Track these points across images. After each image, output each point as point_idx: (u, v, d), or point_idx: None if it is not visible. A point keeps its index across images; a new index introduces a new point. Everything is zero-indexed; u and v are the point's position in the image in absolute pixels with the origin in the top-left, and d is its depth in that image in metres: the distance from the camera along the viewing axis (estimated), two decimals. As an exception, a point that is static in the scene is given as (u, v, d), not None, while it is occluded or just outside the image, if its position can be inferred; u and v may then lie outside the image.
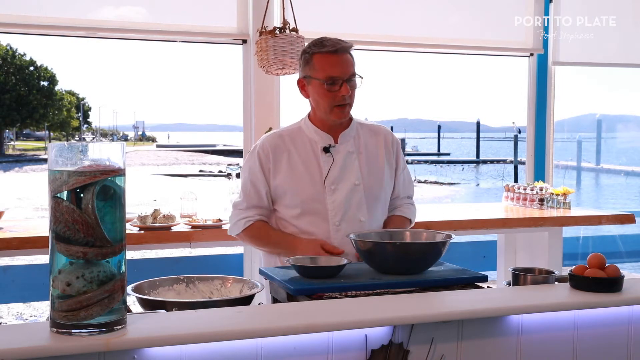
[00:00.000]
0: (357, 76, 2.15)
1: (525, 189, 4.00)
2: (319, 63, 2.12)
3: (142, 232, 2.98)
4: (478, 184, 26.00)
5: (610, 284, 1.60)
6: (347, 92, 2.12)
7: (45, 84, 39.46)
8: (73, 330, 1.23)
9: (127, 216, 2.51)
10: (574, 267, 1.67)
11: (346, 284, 1.67)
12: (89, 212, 1.22)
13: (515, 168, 26.49)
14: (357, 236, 1.90)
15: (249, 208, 2.24)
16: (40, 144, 45.23)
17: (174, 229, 3.04)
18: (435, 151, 49.00)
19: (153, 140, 61.91)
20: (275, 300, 1.79)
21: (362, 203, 2.20)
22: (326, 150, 2.20)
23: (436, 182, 25.44)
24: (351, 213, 2.18)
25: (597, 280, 1.59)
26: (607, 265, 1.64)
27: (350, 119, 2.26)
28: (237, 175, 3.43)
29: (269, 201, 2.24)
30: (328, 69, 2.11)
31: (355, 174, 2.21)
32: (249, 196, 2.24)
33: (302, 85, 2.22)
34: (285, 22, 3.23)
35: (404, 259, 1.79)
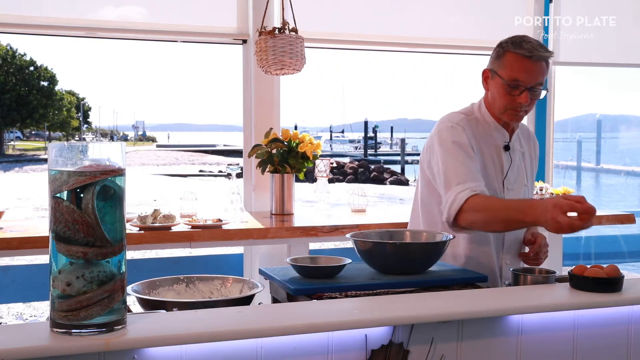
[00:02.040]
0: (542, 88, 2.09)
1: (525, 189, 4.00)
2: (508, 62, 2.07)
3: (142, 232, 2.97)
4: (478, 184, 25.94)
5: (610, 284, 1.60)
6: (525, 100, 2.07)
7: (45, 84, 39.48)
8: (73, 330, 1.23)
9: (127, 216, 2.51)
10: (574, 267, 1.67)
11: (346, 284, 1.67)
12: (89, 212, 1.22)
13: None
14: (357, 236, 1.90)
15: (469, 181, 1.97)
16: (40, 144, 45.24)
17: (174, 229, 3.04)
18: (435, 151, 48.75)
19: (153, 140, 61.91)
20: (275, 300, 1.79)
21: None
22: (506, 148, 2.18)
23: (436, 182, 25.35)
24: None
25: (597, 280, 1.60)
26: (606, 265, 1.64)
27: None
28: (237, 175, 3.43)
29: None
30: (515, 72, 2.05)
31: (525, 175, 2.24)
32: (469, 171, 2.00)
33: (486, 76, 2.17)
34: (284, 23, 3.23)
35: (404, 259, 1.79)
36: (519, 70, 2.05)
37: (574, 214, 1.74)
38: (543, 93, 2.11)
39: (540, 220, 1.79)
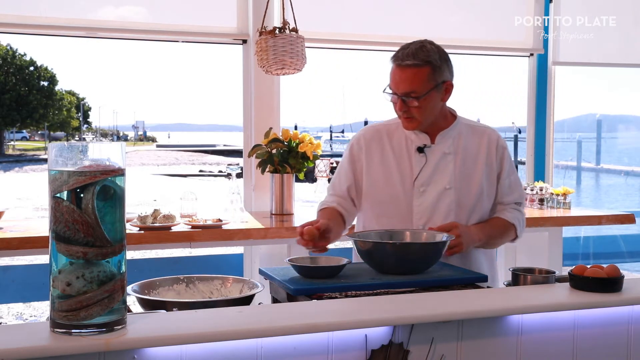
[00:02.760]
0: (417, 95, 2.02)
1: (525, 189, 4.00)
2: (390, 69, 2.08)
3: (142, 232, 2.97)
4: (478, 184, 25.94)
5: (610, 284, 1.60)
6: (399, 108, 2.07)
7: (45, 84, 39.46)
8: (73, 330, 1.23)
9: (127, 216, 2.51)
10: (574, 267, 1.67)
11: (346, 284, 1.67)
12: (89, 212, 1.22)
13: (516, 168, 26.43)
14: (357, 236, 1.90)
15: (332, 195, 2.23)
16: (41, 144, 45.25)
17: (174, 229, 3.04)
18: (435, 151, 48.80)
19: (153, 140, 61.92)
20: (275, 300, 1.79)
21: (451, 209, 2.08)
22: (420, 150, 2.12)
23: (436, 182, 25.34)
24: (437, 218, 2.07)
25: (597, 280, 1.59)
26: (606, 265, 1.64)
27: (455, 116, 2.18)
28: (238, 175, 3.43)
29: (353, 195, 2.19)
30: (390, 80, 2.07)
31: (447, 177, 2.10)
32: (333, 185, 2.24)
33: None
34: (285, 22, 3.23)
35: (404, 259, 1.79)
36: (392, 79, 2.06)
37: None
38: (423, 103, 2.03)
39: None
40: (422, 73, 2.02)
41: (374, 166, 2.15)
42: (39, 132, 44.16)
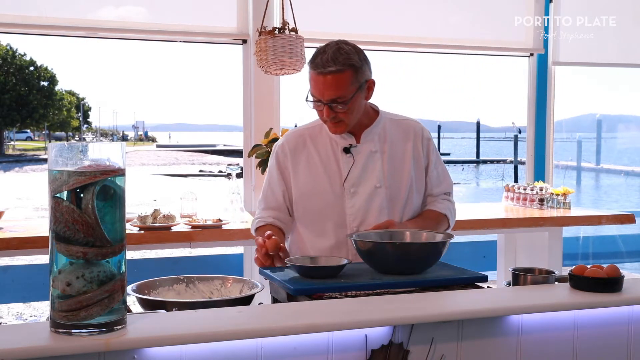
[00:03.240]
0: (344, 100, 1.98)
1: (525, 189, 4.01)
2: (309, 76, 2.03)
3: (142, 232, 2.98)
4: (478, 184, 26.00)
5: (610, 284, 1.60)
6: (327, 115, 2.00)
7: (45, 84, 39.46)
8: (73, 330, 1.23)
9: (127, 216, 2.51)
10: (574, 267, 1.67)
11: (346, 284, 1.67)
12: (89, 212, 1.22)
13: (515, 168, 26.49)
14: (357, 236, 1.90)
15: (265, 209, 2.17)
16: (41, 144, 45.27)
17: (174, 229, 3.04)
18: (435, 151, 48.83)
19: (153, 140, 61.92)
20: (275, 300, 1.79)
21: (384, 207, 2.07)
22: (346, 150, 2.09)
23: (436, 182, 25.33)
24: (371, 218, 2.06)
25: (597, 280, 1.59)
26: (606, 265, 1.64)
27: (377, 112, 2.15)
28: (238, 175, 3.43)
29: (288, 203, 2.14)
30: (312, 87, 2.01)
31: (376, 176, 2.08)
32: (266, 197, 2.18)
33: None
34: (284, 22, 3.23)
35: (404, 259, 1.79)
36: (314, 87, 2.00)
37: None
38: (351, 106, 2.00)
39: None
40: (346, 77, 1.97)
41: (301, 172, 2.11)
42: (44, 132, 44.22)
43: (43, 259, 4.25)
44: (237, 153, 31.20)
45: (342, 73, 1.97)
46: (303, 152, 2.12)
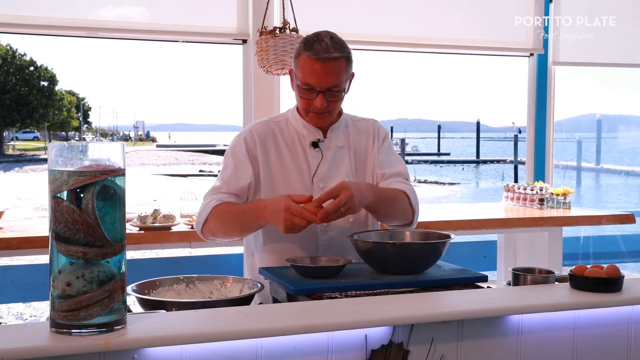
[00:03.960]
0: (339, 89, 1.97)
1: (525, 189, 4.00)
2: (301, 64, 1.96)
3: (142, 232, 2.98)
4: (478, 184, 26.01)
5: (610, 284, 1.60)
6: (321, 104, 1.96)
7: (45, 84, 39.47)
8: (73, 330, 1.23)
9: (127, 216, 2.51)
10: (574, 267, 1.67)
11: (346, 284, 1.67)
12: (89, 212, 1.22)
13: (515, 168, 26.51)
14: (357, 236, 1.90)
15: (224, 193, 2.00)
16: (40, 144, 45.27)
17: (174, 229, 3.04)
18: (435, 151, 49.03)
19: (153, 140, 61.91)
20: (275, 300, 1.79)
21: None
22: (315, 145, 2.05)
23: (436, 182, 25.42)
24: None
25: (597, 280, 1.59)
26: (606, 265, 1.64)
27: (340, 112, 2.12)
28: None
29: (249, 194, 2.02)
30: (307, 75, 1.95)
31: (345, 171, 2.06)
32: (227, 183, 2.01)
33: (291, 77, 2.07)
34: (285, 22, 3.23)
35: (404, 259, 1.79)
36: (310, 74, 1.94)
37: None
38: (341, 95, 1.99)
39: (273, 221, 1.84)
40: (342, 65, 1.97)
41: (271, 164, 2.03)
42: (53, 133, 44.26)
43: (43, 259, 4.25)
44: (237, 153, 31.05)
45: (340, 61, 1.96)
46: (272, 143, 2.05)
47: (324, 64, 1.93)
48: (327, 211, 1.79)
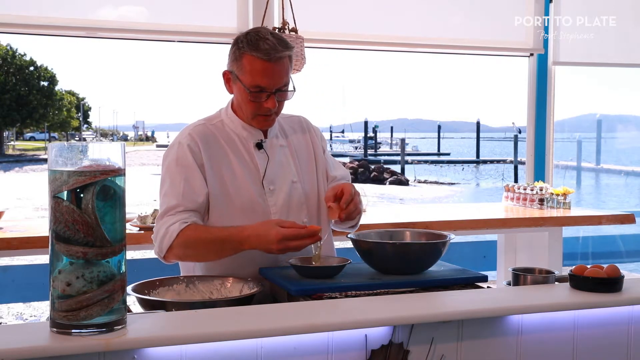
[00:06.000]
0: (288, 87, 1.89)
1: (525, 189, 4.00)
2: (247, 66, 1.86)
3: (142, 232, 2.97)
4: (478, 184, 26.01)
5: (610, 284, 1.60)
6: (273, 105, 1.87)
7: (45, 84, 39.48)
8: (73, 330, 1.23)
9: (127, 216, 2.50)
10: (574, 267, 1.67)
11: (346, 284, 1.67)
12: (89, 212, 1.22)
13: (515, 168, 26.51)
14: (357, 236, 1.90)
15: (183, 212, 1.85)
16: (40, 144, 45.27)
17: (174, 229, 3.04)
18: (435, 151, 49.09)
19: (153, 140, 61.90)
20: (275, 300, 1.78)
21: (302, 202, 1.98)
22: (259, 146, 1.96)
23: (436, 182, 25.44)
24: (293, 215, 1.95)
25: (597, 280, 1.59)
26: (606, 265, 1.64)
27: None
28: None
29: (206, 205, 1.90)
30: (256, 77, 1.85)
31: (291, 171, 1.99)
32: (184, 196, 1.86)
33: (227, 78, 1.95)
34: (284, 22, 3.23)
35: (404, 259, 1.79)
36: (262, 75, 1.84)
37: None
38: (291, 94, 1.91)
39: (262, 250, 1.78)
40: (288, 63, 1.89)
41: (219, 169, 1.91)
42: (52, 134, 44.30)
43: (43, 259, 4.25)
44: (237, 153, 31.07)
45: (287, 59, 1.88)
46: (215, 147, 1.93)
47: (275, 64, 1.84)
48: (348, 209, 1.85)
